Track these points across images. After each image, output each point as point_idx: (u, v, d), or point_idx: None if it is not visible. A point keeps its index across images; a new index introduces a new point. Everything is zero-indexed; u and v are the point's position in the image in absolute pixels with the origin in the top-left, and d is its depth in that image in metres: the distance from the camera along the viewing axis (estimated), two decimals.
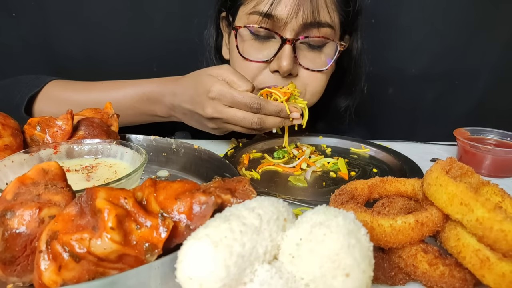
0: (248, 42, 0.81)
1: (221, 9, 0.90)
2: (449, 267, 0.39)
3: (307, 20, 0.75)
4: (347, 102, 0.99)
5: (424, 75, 1.40)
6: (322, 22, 0.77)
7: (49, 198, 0.37)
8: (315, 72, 0.81)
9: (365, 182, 0.51)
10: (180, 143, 0.69)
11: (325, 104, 0.92)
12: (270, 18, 0.76)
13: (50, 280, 0.31)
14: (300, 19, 0.75)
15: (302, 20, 0.75)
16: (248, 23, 0.79)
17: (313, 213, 0.34)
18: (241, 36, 0.81)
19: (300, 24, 0.76)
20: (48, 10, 1.30)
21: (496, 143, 0.77)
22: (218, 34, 0.96)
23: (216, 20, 0.94)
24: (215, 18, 0.94)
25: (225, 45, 0.95)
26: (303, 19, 0.75)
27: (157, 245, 0.33)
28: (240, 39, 0.81)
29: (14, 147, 0.58)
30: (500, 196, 0.47)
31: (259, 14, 0.76)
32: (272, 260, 0.32)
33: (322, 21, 0.77)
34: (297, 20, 0.75)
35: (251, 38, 0.81)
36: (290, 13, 0.75)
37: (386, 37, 1.44)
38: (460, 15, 1.40)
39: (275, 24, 0.77)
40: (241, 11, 0.82)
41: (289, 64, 0.76)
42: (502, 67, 1.45)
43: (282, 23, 0.76)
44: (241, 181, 0.40)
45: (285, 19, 0.75)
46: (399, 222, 0.40)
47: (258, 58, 0.80)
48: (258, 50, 0.80)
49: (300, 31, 0.77)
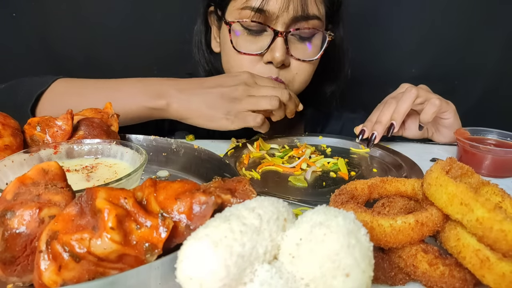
0: (241, 36, 0.85)
1: (210, 4, 0.94)
2: (449, 267, 0.39)
3: (297, 14, 0.80)
4: (332, 88, 1.05)
5: (424, 75, 1.41)
6: (310, 15, 0.81)
7: (49, 198, 0.37)
8: (305, 62, 0.86)
9: (365, 182, 0.51)
10: (180, 143, 0.69)
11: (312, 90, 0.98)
12: (262, 12, 0.80)
13: (50, 280, 0.31)
14: (291, 12, 0.79)
15: (292, 14, 0.80)
16: (240, 17, 0.83)
17: (313, 213, 0.34)
18: (234, 31, 0.85)
19: (291, 17, 0.80)
20: (48, 10, 1.30)
21: (496, 143, 0.77)
22: (206, 28, 0.99)
23: (205, 14, 0.97)
24: (204, 12, 0.97)
25: (214, 39, 0.98)
26: (294, 13, 0.80)
27: (157, 245, 0.33)
28: (233, 33, 0.85)
29: (14, 147, 0.58)
30: (500, 196, 0.47)
31: (251, 9, 0.80)
32: (272, 260, 0.32)
33: (311, 14, 0.81)
34: (287, 13, 0.79)
35: (244, 32, 0.84)
36: (281, 7, 0.79)
37: (386, 37, 1.44)
38: (460, 15, 1.40)
39: (266, 18, 0.81)
40: (232, 6, 0.85)
41: (282, 55, 0.81)
42: (502, 67, 1.46)
43: (274, 17, 0.80)
44: (241, 181, 0.40)
45: (277, 13, 0.79)
46: (399, 222, 0.40)
47: (252, 51, 0.84)
48: (251, 44, 0.84)
49: (290, 24, 0.81)
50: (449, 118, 0.82)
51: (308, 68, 0.88)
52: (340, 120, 1.12)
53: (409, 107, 0.78)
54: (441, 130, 0.87)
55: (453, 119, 0.82)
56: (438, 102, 0.78)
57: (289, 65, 0.85)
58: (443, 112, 0.81)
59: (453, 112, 0.82)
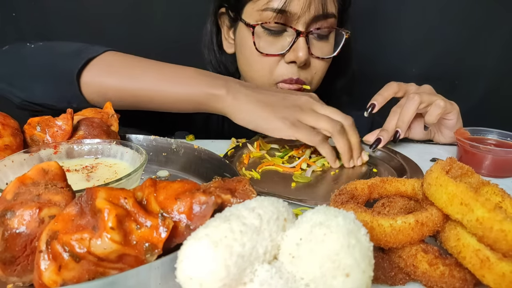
0: (263, 37, 0.85)
1: (222, 5, 0.94)
2: (449, 267, 0.39)
3: (318, 13, 0.81)
4: (339, 83, 1.07)
5: (424, 75, 1.40)
6: (329, 13, 0.83)
7: (49, 198, 0.37)
8: (324, 60, 0.88)
9: (365, 182, 0.51)
10: (180, 143, 0.69)
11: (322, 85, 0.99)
12: (284, 13, 0.80)
13: (50, 280, 0.31)
14: (312, 12, 0.81)
15: (313, 13, 0.81)
16: (261, 19, 0.83)
17: (313, 213, 0.34)
18: (256, 33, 0.85)
19: (312, 17, 0.81)
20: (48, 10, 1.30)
21: (496, 143, 0.77)
22: (217, 29, 0.99)
23: (215, 15, 0.97)
24: (214, 13, 0.97)
25: (226, 40, 0.98)
26: (315, 12, 0.81)
27: (157, 245, 0.33)
28: (256, 36, 0.85)
29: (14, 147, 0.58)
30: (500, 196, 0.47)
31: (273, 11, 0.81)
32: (272, 260, 0.32)
33: (329, 12, 0.83)
34: (309, 13, 0.81)
35: (264, 34, 0.85)
36: (303, 7, 0.80)
37: (386, 37, 1.44)
38: (461, 15, 1.40)
39: (287, 19, 0.82)
40: (250, 7, 0.85)
41: (305, 54, 0.82)
42: (503, 67, 1.46)
43: (296, 18, 0.81)
44: (241, 181, 0.40)
45: (298, 14, 0.80)
46: (399, 222, 0.40)
47: (274, 52, 0.85)
48: (271, 44, 0.85)
49: (311, 23, 0.83)
50: (452, 119, 0.82)
51: (325, 66, 0.90)
52: None
53: (413, 114, 0.78)
54: (443, 131, 0.87)
55: (456, 120, 0.83)
56: (442, 104, 0.78)
57: (309, 64, 0.86)
58: (447, 114, 0.81)
59: (456, 113, 0.82)
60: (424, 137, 0.89)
